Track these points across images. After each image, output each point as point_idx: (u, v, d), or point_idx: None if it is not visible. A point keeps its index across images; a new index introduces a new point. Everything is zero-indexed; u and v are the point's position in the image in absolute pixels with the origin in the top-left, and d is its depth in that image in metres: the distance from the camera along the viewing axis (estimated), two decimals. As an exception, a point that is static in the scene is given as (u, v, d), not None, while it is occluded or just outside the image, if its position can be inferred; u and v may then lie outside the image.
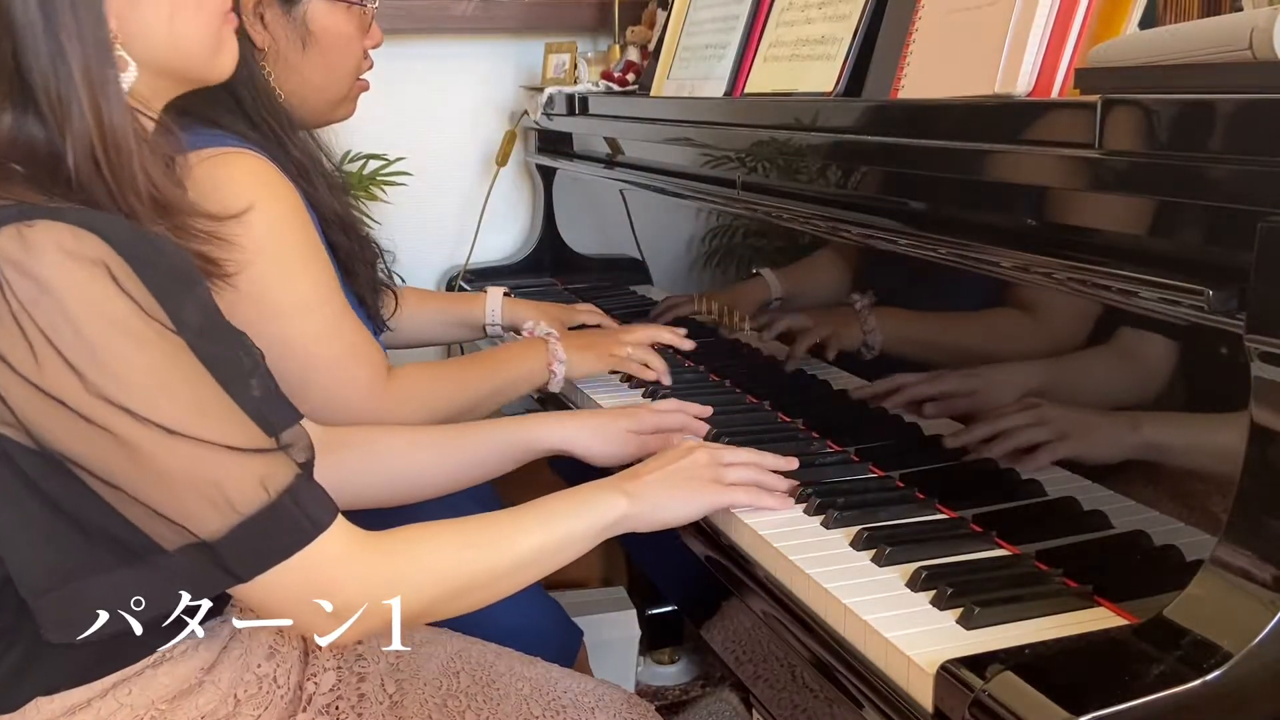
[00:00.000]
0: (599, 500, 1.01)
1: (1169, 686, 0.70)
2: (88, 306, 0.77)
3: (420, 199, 2.22)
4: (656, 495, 1.03)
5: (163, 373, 0.80)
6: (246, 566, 0.82)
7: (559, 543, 0.98)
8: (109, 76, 0.85)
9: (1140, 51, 0.84)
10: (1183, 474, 0.85)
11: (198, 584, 0.83)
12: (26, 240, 0.77)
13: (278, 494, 0.82)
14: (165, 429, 0.79)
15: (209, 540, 0.80)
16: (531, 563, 0.96)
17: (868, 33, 1.28)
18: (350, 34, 1.39)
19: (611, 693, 1.18)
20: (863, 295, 1.23)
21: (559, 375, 1.43)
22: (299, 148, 1.34)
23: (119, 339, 0.78)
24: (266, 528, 0.82)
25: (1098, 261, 0.87)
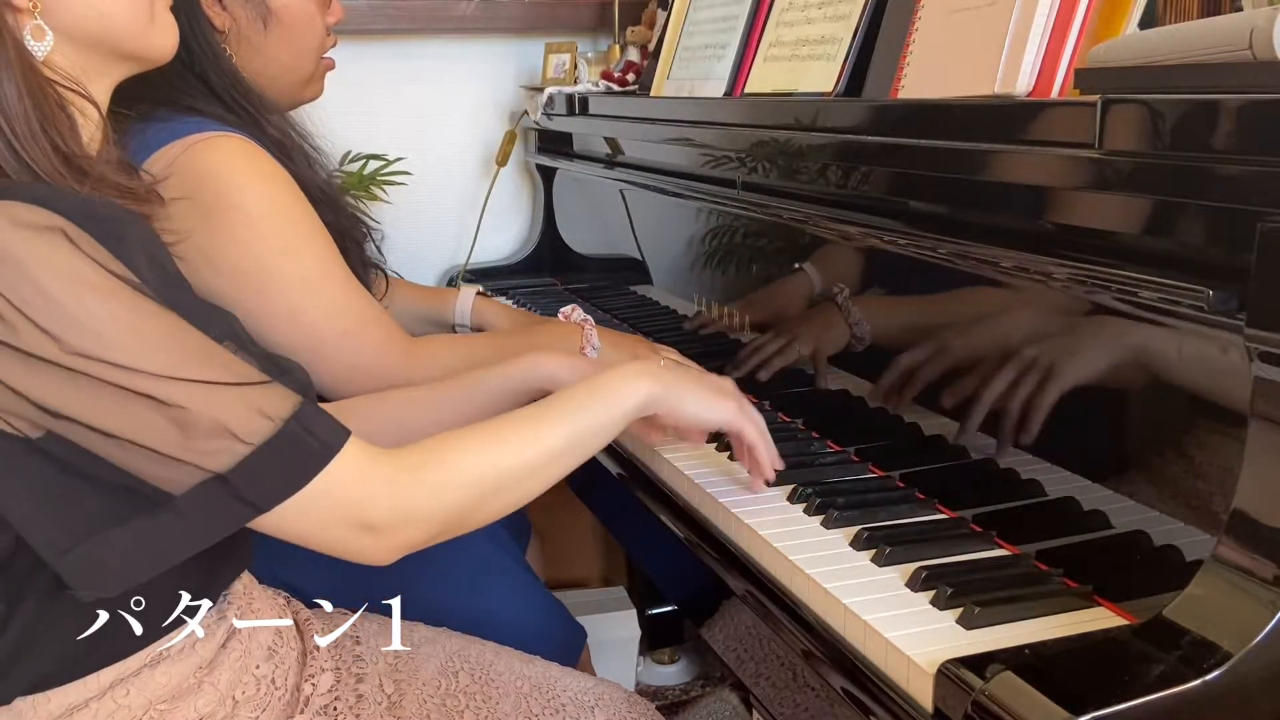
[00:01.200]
0: (625, 387, 0.99)
1: (1169, 686, 0.70)
2: (51, 269, 0.77)
3: (420, 199, 2.22)
4: (683, 385, 1.02)
5: (137, 323, 0.80)
6: (264, 496, 0.82)
7: (589, 430, 0.96)
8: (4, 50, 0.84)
9: (1140, 51, 0.84)
10: (1183, 474, 0.85)
11: (218, 522, 0.82)
12: None
13: (283, 420, 0.82)
14: (152, 373, 0.79)
15: (222, 473, 0.80)
16: (562, 454, 0.95)
17: (868, 33, 1.28)
18: (310, 11, 1.39)
19: (611, 691, 1.18)
20: (862, 295, 1.23)
21: None
22: (275, 127, 1.33)
23: (88, 296, 0.78)
24: (277, 454, 0.81)
25: (1098, 261, 0.87)
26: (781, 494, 1.13)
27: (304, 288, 1.21)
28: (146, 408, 0.79)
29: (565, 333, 1.43)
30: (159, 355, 0.80)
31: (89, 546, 0.82)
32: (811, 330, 1.34)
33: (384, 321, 1.29)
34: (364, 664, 1.09)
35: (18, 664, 0.88)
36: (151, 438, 0.79)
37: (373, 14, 2.08)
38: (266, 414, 0.82)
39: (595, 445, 0.97)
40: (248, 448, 0.80)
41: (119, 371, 0.78)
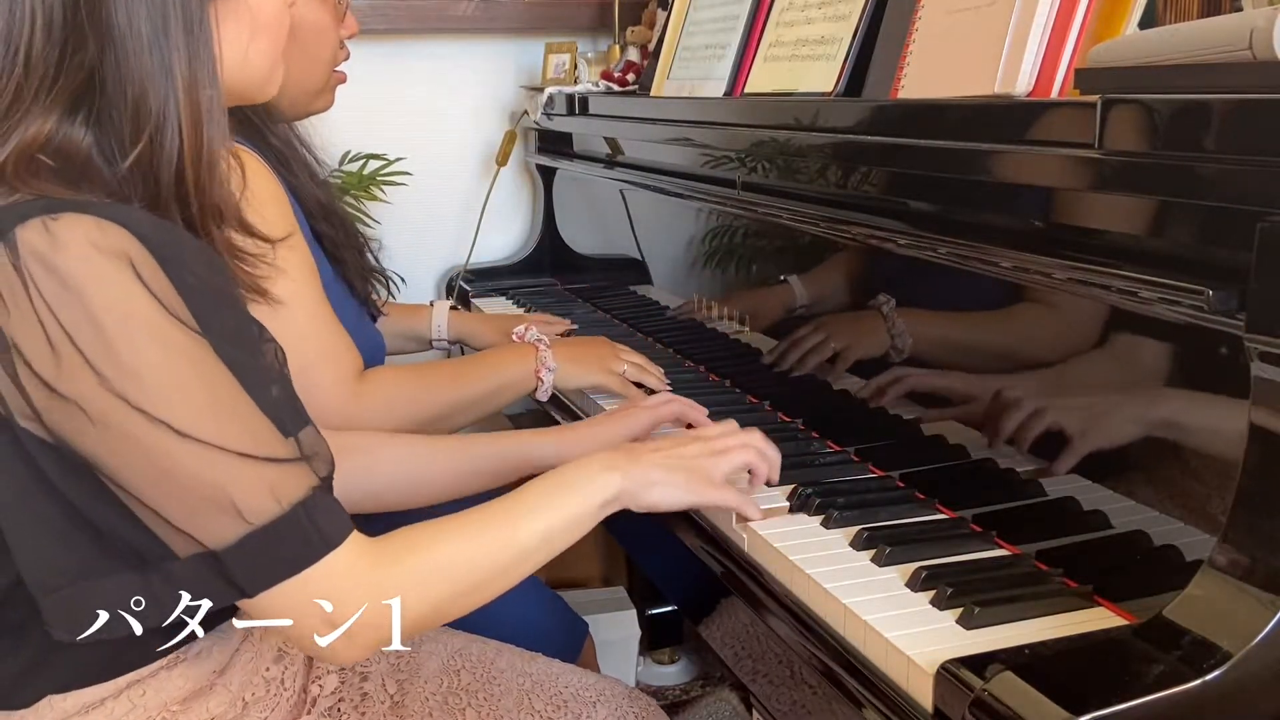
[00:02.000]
0: (596, 479, 0.98)
1: (1169, 686, 0.70)
2: (110, 303, 0.76)
3: (420, 199, 2.22)
4: (650, 475, 1.01)
5: (180, 373, 0.79)
6: (252, 580, 0.80)
7: (562, 525, 0.96)
8: (213, 98, 0.84)
9: (1140, 51, 0.84)
10: (1183, 474, 0.85)
11: (203, 594, 0.81)
12: (52, 234, 0.76)
13: (290, 506, 0.80)
14: (177, 431, 0.77)
15: (216, 550, 0.79)
16: (538, 548, 0.94)
17: (868, 33, 1.28)
18: (325, 24, 1.38)
19: (613, 687, 1.18)
20: (861, 295, 1.23)
21: (547, 384, 1.39)
22: (278, 137, 1.33)
23: (139, 336, 0.77)
24: (275, 540, 0.80)
25: (1098, 261, 0.87)
26: (781, 494, 1.13)
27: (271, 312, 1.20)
28: (160, 467, 0.77)
29: (520, 355, 1.41)
30: (189, 412, 0.78)
31: (75, 591, 0.81)
32: (812, 330, 1.34)
33: (343, 357, 1.27)
34: (367, 664, 1.09)
35: (41, 671, 0.88)
36: (158, 499, 0.78)
37: (373, 14, 2.08)
38: (277, 497, 0.80)
39: (569, 539, 0.97)
40: (248, 527, 0.79)
41: (143, 421, 0.77)
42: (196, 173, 0.84)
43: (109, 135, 0.83)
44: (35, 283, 0.76)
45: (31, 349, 0.76)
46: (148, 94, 0.82)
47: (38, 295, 0.76)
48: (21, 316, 0.76)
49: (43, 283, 0.76)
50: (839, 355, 1.28)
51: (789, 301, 1.39)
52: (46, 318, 0.76)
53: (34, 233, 0.76)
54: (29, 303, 0.76)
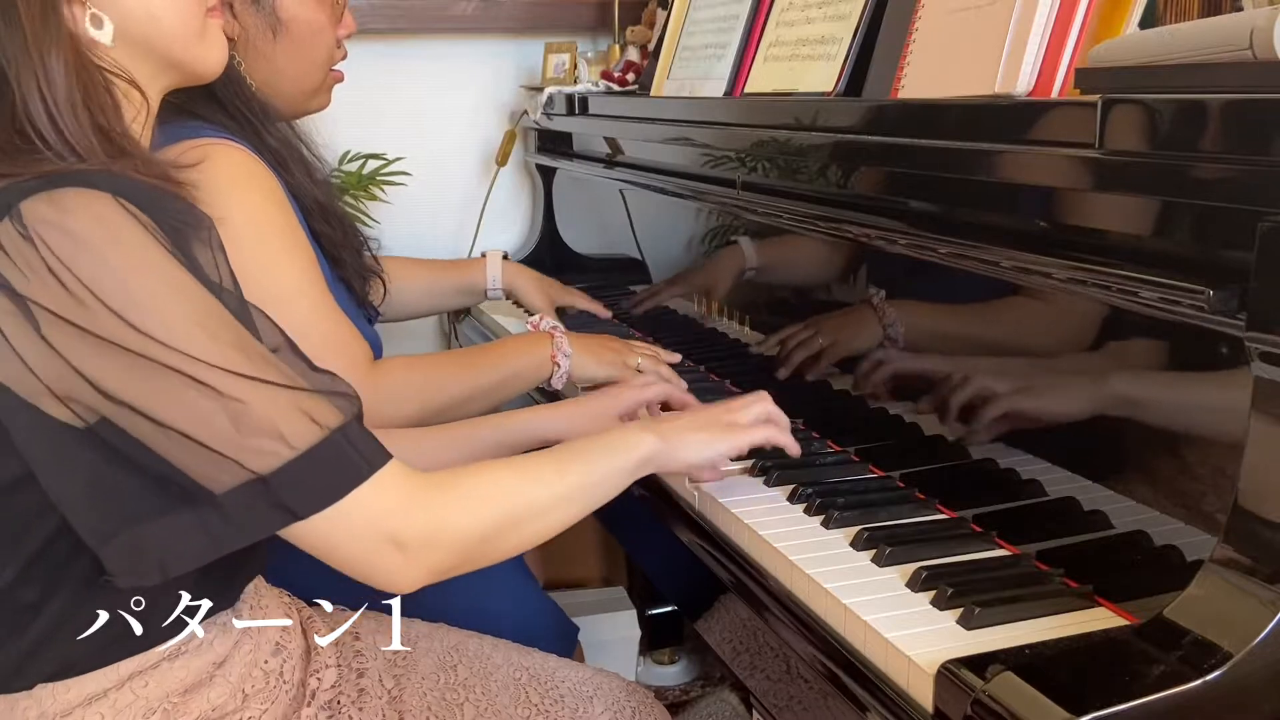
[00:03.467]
0: (631, 439, 1.04)
1: (1169, 687, 0.70)
2: (124, 255, 0.79)
3: (420, 199, 2.22)
4: (684, 437, 1.06)
5: (202, 316, 0.82)
6: (303, 503, 0.82)
7: (599, 479, 1.00)
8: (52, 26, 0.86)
9: (1140, 51, 0.84)
10: (1183, 474, 0.85)
11: (256, 524, 0.82)
12: (57, 202, 0.79)
13: (330, 430, 0.83)
14: (216, 366, 0.80)
15: (265, 475, 0.81)
16: (575, 497, 0.98)
17: (868, 33, 1.28)
18: (321, 23, 1.38)
19: (610, 681, 1.19)
20: (861, 295, 1.23)
21: (563, 369, 1.41)
22: (276, 137, 1.33)
23: (159, 284, 0.80)
24: (321, 463, 0.82)
25: (1098, 261, 0.87)
26: (782, 494, 1.13)
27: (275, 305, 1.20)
28: (205, 398, 0.80)
29: (535, 342, 1.42)
30: (222, 349, 0.81)
31: (130, 536, 0.83)
32: (811, 330, 1.34)
33: (350, 347, 1.28)
34: (364, 659, 1.10)
35: (44, 651, 0.89)
36: (204, 431, 0.80)
37: (373, 14, 2.08)
38: (316, 421, 0.83)
39: (604, 494, 1.01)
40: (293, 452, 0.81)
41: (183, 359, 0.79)
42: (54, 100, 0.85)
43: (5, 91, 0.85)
44: (49, 245, 0.78)
45: (60, 305, 0.78)
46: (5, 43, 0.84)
47: (52, 256, 0.78)
48: (41, 281, 0.78)
49: (57, 244, 0.78)
50: (838, 355, 1.28)
51: (789, 301, 1.39)
52: (65, 275, 0.78)
53: (39, 202, 0.79)
54: (44, 266, 0.78)
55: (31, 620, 0.88)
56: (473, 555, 0.92)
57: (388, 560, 0.87)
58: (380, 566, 0.87)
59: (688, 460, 1.08)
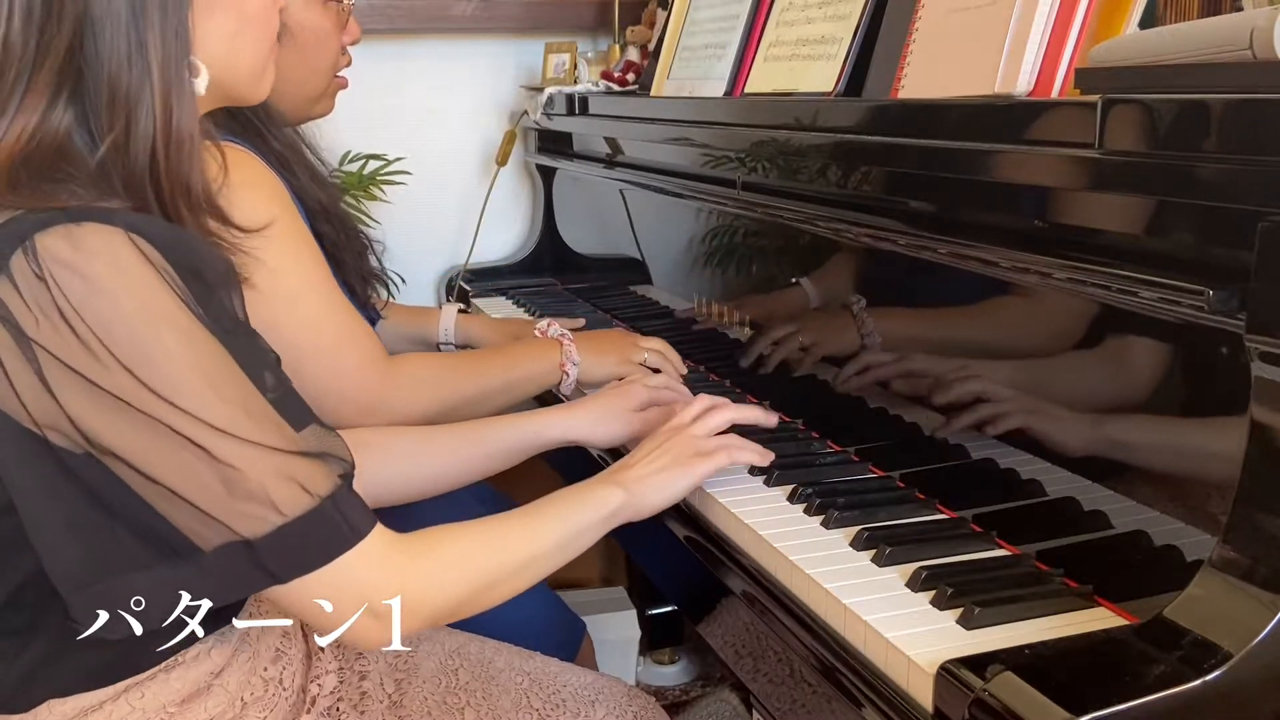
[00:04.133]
0: (600, 495, 1.04)
1: (1169, 686, 0.70)
2: (138, 304, 0.78)
3: (420, 199, 2.22)
4: (647, 482, 1.07)
5: (210, 372, 0.81)
6: (286, 568, 0.83)
7: (570, 536, 1.01)
8: (185, 78, 0.86)
9: (1140, 51, 0.84)
10: (1183, 474, 0.85)
11: (235, 584, 0.83)
12: (75, 239, 0.77)
13: (320, 498, 0.83)
14: (216, 428, 0.79)
15: (251, 540, 0.80)
16: (548, 556, 0.99)
17: (868, 33, 1.28)
18: (327, 29, 1.39)
19: (612, 685, 1.18)
20: (862, 295, 1.23)
21: (572, 378, 1.42)
22: (280, 140, 1.33)
23: (170, 337, 0.79)
24: (308, 531, 0.82)
25: (1098, 261, 0.87)
26: (782, 494, 1.13)
27: (285, 302, 1.20)
28: (201, 461, 0.79)
29: (544, 349, 1.43)
30: (224, 408, 0.80)
31: (105, 586, 0.82)
32: (811, 330, 1.34)
33: (364, 341, 1.28)
34: (365, 662, 1.10)
35: (42, 675, 0.88)
36: (196, 491, 0.80)
37: (373, 14, 2.08)
38: (308, 489, 0.82)
39: (576, 549, 1.02)
40: (282, 519, 0.81)
41: (186, 419, 0.78)
42: (168, 154, 0.84)
43: (88, 117, 0.83)
44: (61, 287, 0.77)
45: (67, 352, 0.77)
46: (122, 75, 0.83)
47: (63, 298, 0.77)
48: (52, 324, 0.77)
49: (69, 286, 0.77)
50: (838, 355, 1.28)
51: (789, 301, 1.39)
52: (75, 321, 0.77)
53: (57, 238, 0.77)
54: (54, 306, 0.76)
55: (24, 646, 0.87)
56: (443, 620, 0.94)
57: (361, 626, 0.87)
58: (354, 631, 0.88)
59: (655, 504, 1.08)
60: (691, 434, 1.12)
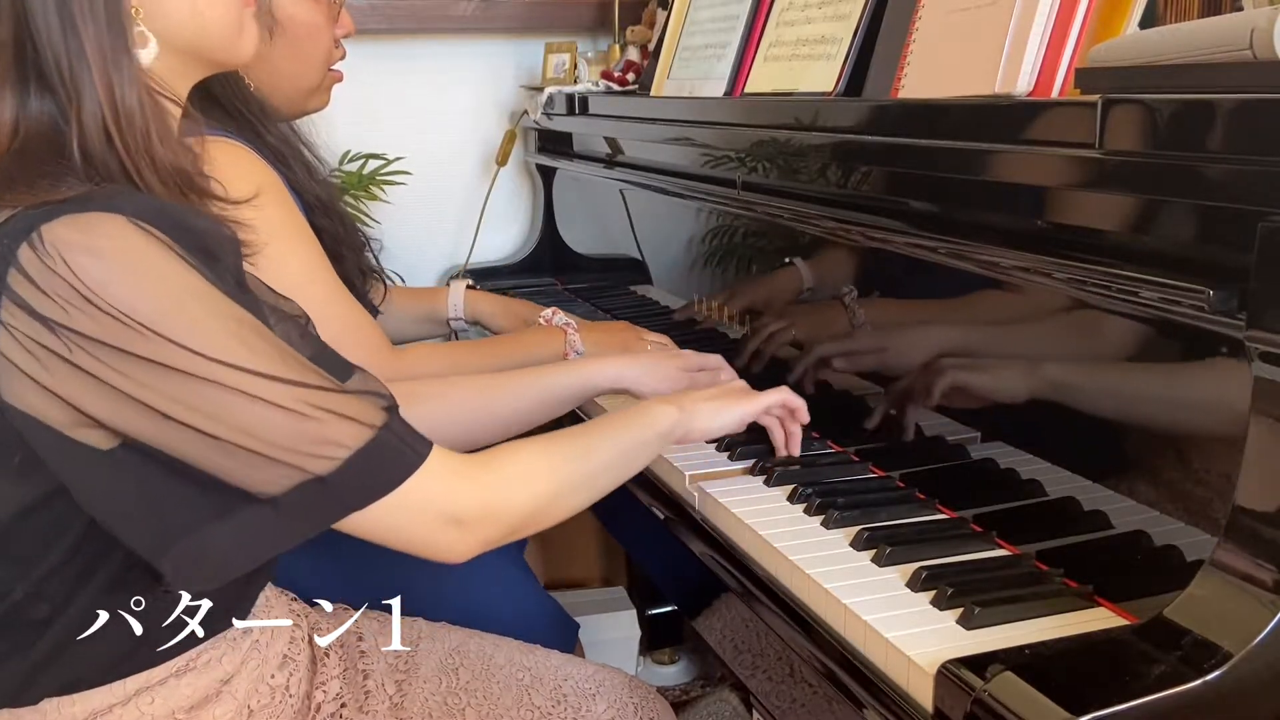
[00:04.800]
0: (655, 411, 1.09)
1: (1169, 686, 0.70)
2: (155, 278, 0.79)
3: (420, 199, 2.22)
4: (700, 406, 1.12)
5: (238, 330, 0.82)
6: (362, 497, 0.85)
7: (630, 449, 1.05)
8: (121, 51, 0.85)
9: (1140, 51, 0.84)
10: (1183, 474, 0.85)
11: (317, 519, 0.85)
12: (81, 226, 0.78)
13: (376, 428, 0.85)
14: (263, 375, 0.81)
15: (324, 475, 0.82)
16: (611, 467, 1.03)
17: (868, 33, 1.28)
18: (318, 23, 1.39)
19: (612, 677, 1.19)
20: (863, 295, 1.23)
21: None
22: (275, 135, 1.33)
23: (192, 303, 0.80)
24: (375, 458, 0.84)
25: (1098, 261, 0.87)
26: (782, 494, 1.13)
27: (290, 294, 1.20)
28: (257, 407, 0.81)
29: (548, 337, 1.45)
30: (263, 359, 0.82)
31: (187, 544, 0.83)
32: (811, 330, 1.34)
33: (369, 330, 1.29)
34: (369, 660, 1.10)
35: (51, 666, 0.89)
36: (259, 440, 0.81)
37: (373, 14, 2.08)
38: (361, 421, 0.85)
39: (636, 463, 1.06)
40: (347, 451, 0.83)
41: (230, 371, 0.80)
42: (120, 129, 0.84)
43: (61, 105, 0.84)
44: (77, 272, 0.77)
45: (102, 332, 0.78)
46: (61, 56, 0.83)
47: (80, 281, 0.77)
48: (80, 310, 0.77)
49: (84, 269, 0.77)
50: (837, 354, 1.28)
51: (789, 301, 1.39)
52: (102, 302, 0.77)
53: (65, 226, 0.78)
54: (75, 292, 0.77)
55: (39, 636, 0.88)
56: (519, 529, 0.96)
57: (448, 536, 0.90)
58: (441, 543, 0.90)
59: (705, 427, 1.12)
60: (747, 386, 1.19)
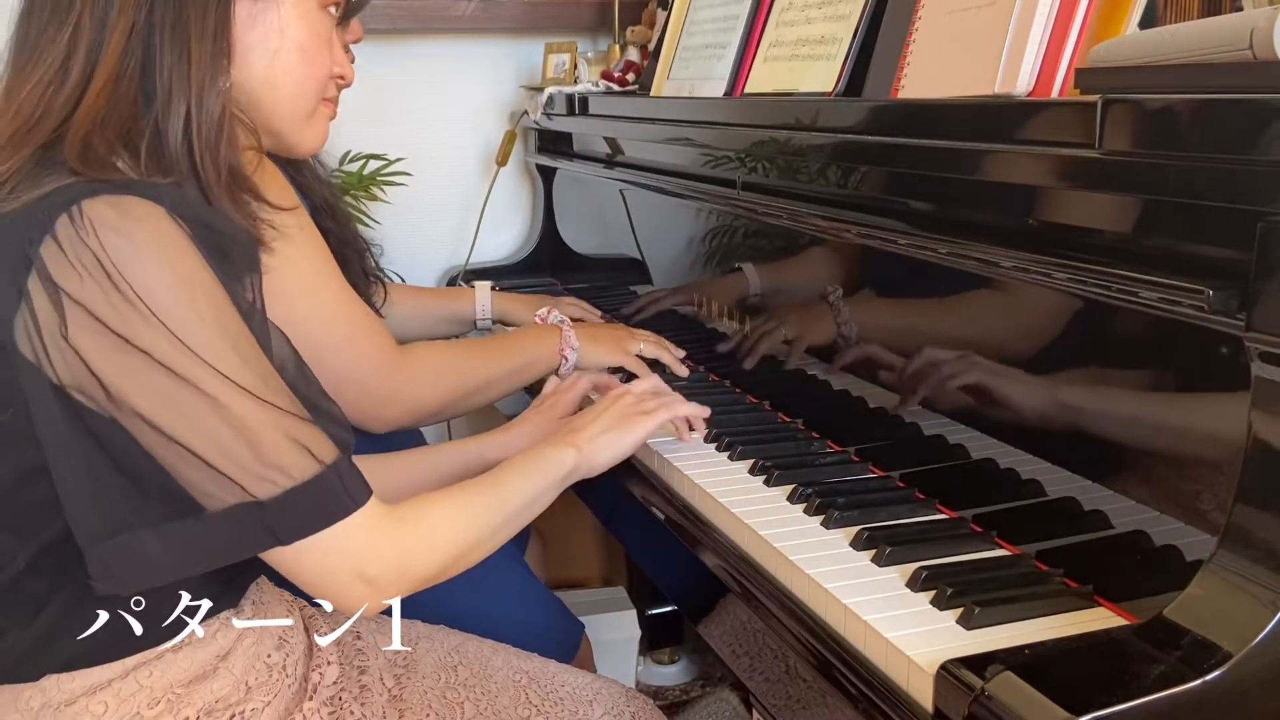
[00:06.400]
0: (556, 457, 1.12)
1: (1169, 686, 0.70)
2: (177, 269, 0.83)
3: (420, 199, 2.22)
4: (596, 443, 1.15)
5: (236, 339, 0.85)
6: (290, 530, 0.87)
7: (534, 497, 1.08)
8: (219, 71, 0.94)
9: (1140, 51, 0.84)
10: (1183, 474, 0.85)
11: (243, 543, 0.87)
12: (121, 207, 0.83)
13: (326, 465, 0.88)
14: (241, 388, 0.84)
15: (262, 500, 0.85)
16: (516, 516, 1.06)
17: (868, 33, 1.28)
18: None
19: (609, 686, 1.19)
20: (863, 295, 1.23)
21: (571, 361, 1.46)
22: None
23: (203, 301, 0.84)
24: (314, 495, 0.87)
25: (1098, 261, 0.87)
26: (781, 494, 1.13)
27: (301, 296, 1.22)
28: (224, 422, 0.83)
29: (545, 334, 1.48)
30: (247, 372, 0.85)
31: (120, 540, 0.85)
32: (811, 330, 1.34)
33: (378, 332, 1.31)
34: (365, 657, 1.11)
35: (50, 644, 0.90)
36: (215, 452, 0.84)
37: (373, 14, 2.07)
38: (315, 455, 0.87)
39: (537, 510, 1.10)
40: (291, 482, 0.86)
41: (211, 375, 0.83)
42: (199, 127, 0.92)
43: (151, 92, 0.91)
44: (106, 247, 0.81)
45: (106, 309, 0.81)
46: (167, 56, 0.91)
47: (107, 257, 0.81)
48: (95, 282, 0.81)
49: (114, 246, 0.81)
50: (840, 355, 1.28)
51: (789, 301, 1.39)
52: (119, 279, 0.81)
53: (104, 204, 0.82)
54: (99, 265, 0.80)
55: (38, 612, 0.89)
56: (427, 584, 0.98)
57: (354, 591, 0.92)
58: (349, 596, 0.92)
59: (604, 462, 1.16)
60: (633, 394, 1.22)
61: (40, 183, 0.85)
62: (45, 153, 0.88)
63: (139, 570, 0.86)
